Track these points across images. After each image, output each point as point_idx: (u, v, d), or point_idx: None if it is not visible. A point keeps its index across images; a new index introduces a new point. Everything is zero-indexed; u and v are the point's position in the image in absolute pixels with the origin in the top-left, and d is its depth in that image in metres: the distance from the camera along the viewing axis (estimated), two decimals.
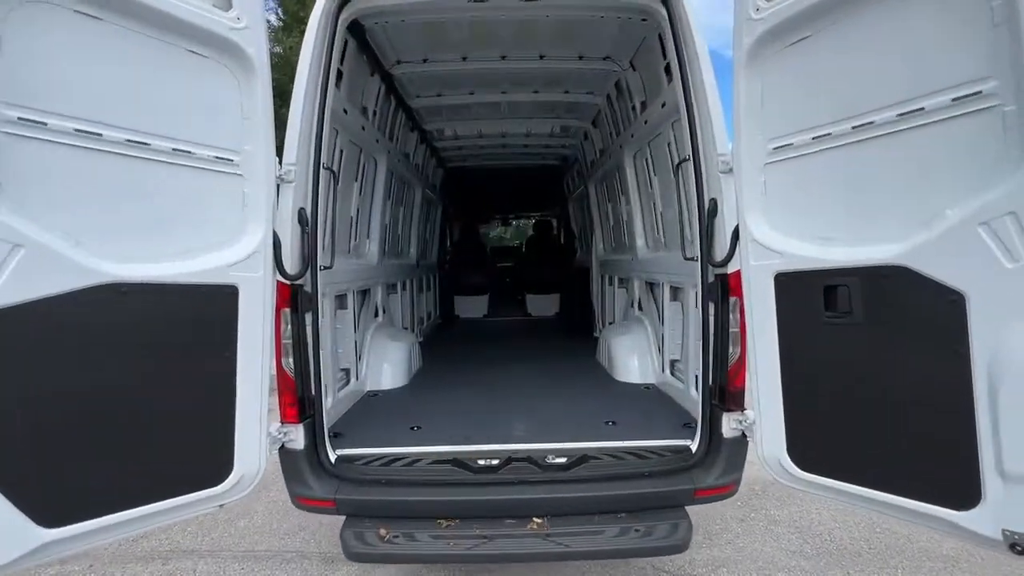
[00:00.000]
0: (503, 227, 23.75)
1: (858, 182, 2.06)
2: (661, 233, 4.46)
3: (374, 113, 4.46)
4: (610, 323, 6.26)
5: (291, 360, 2.70)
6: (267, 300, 2.43)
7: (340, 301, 3.96)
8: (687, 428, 3.12)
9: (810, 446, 2.27)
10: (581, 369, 5.22)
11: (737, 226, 2.49)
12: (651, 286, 4.73)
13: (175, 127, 2.15)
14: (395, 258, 6.13)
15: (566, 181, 9.29)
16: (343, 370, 4.04)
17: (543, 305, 10.29)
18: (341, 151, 3.79)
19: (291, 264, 2.60)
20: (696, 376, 3.15)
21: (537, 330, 8.75)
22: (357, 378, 4.17)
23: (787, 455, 2.32)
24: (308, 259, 2.72)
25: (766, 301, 2.33)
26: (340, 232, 3.91)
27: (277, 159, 2.53)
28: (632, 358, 4.63)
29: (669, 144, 3.79)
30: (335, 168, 3.54)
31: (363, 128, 4.17)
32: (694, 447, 2.82)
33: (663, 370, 4.20)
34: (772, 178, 2.34)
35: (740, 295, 2.51)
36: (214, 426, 2.28)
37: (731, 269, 2.60)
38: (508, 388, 4.47)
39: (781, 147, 2.28)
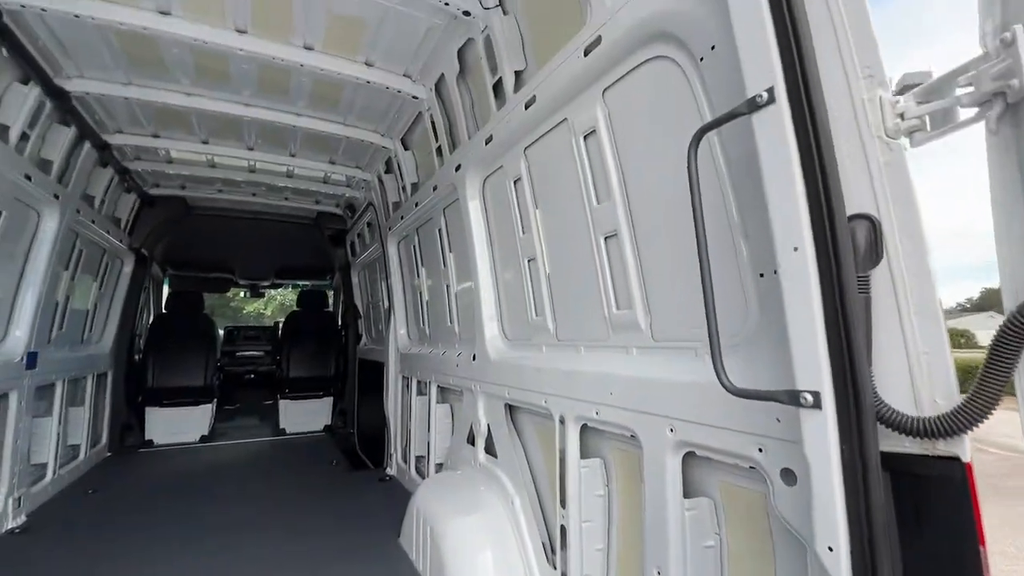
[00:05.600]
0: (256, 300, 18.10)
1: None
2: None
3: None
4: (428, 467, 3.84)
5: None
6: None
7: None
8: None
9: None
10: None
11: None
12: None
13: None
14: None
15: (350, 240, 6.66)
16: None
17: (306, 416, 6.95)
18: None
19: None
20: None
21: (294, 465, 5.38)
22: None
23: None
24: None
25: None
26: None
27: None
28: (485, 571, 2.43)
29: None
30: None
31: None
32: None
33: None
34: None
35: None
36: None
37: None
38: None
39: None
